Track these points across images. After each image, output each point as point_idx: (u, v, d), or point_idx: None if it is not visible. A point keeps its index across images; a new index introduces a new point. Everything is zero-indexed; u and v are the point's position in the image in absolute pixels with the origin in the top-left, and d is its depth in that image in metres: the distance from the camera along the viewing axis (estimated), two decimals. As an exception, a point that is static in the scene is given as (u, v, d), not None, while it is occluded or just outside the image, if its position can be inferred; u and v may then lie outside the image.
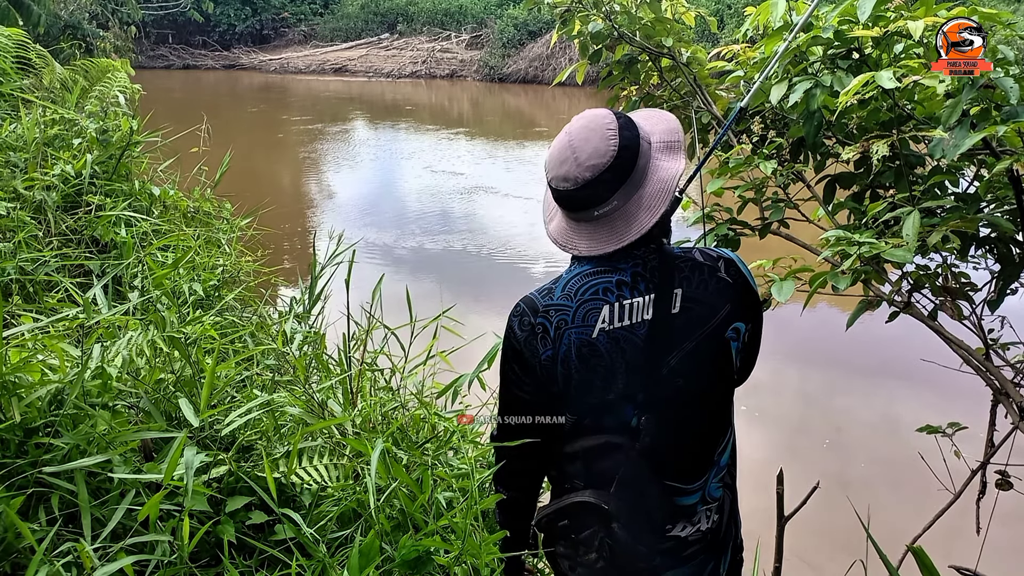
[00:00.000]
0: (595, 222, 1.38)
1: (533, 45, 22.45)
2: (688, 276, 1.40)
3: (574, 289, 1.40)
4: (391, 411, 2.31)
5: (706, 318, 1.40)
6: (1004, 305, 2.03)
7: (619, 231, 1.37)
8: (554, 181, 1.38)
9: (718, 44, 3.24)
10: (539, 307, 1.41)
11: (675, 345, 1.38)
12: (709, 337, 1.40)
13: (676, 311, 1.38)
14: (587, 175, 1.33)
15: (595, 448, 1.43)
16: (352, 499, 1.81)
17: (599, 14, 2.68)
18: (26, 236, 2.81)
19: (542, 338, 1.39)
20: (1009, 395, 1.94)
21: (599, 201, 1.36)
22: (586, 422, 1.43)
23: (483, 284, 7.46)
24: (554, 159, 1.39)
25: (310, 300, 3.22)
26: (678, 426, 1.42)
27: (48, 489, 1.56)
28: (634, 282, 1.38)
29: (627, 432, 1.40)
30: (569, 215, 1.42)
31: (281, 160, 13.28)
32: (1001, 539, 2.50)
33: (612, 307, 1.37)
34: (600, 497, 1.41)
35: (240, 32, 26.84)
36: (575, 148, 1.36)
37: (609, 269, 1.39)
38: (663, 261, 1.40)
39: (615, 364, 1.38)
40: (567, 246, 1.42)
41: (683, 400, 1.41)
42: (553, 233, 1.46)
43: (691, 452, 1.45)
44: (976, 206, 1.87)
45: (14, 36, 4.38)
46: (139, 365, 1.96)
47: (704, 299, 1.40)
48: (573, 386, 1.41)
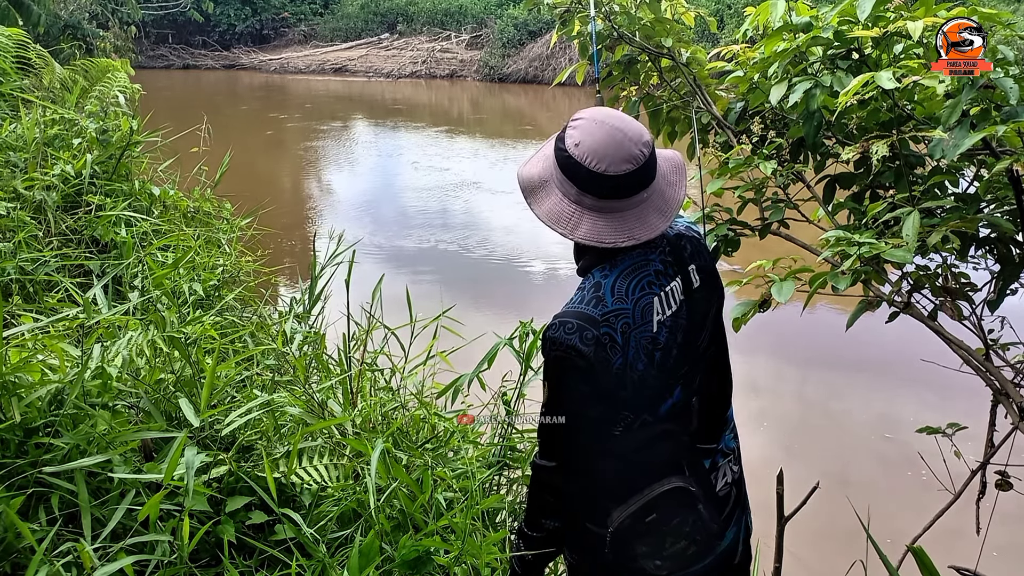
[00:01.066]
0: (643, 205, 1.36)
1: (533, 45, 22.43)
2: (693, 250, 1.46)
3: (624, 290, 1.36)
4: (391, 411, 2.31)
5: (715, 284, 1.48)
6: (1004, 305, 2.03)
7: (662, 209, 1.38)
8: (611, 167, 1.31)
9: (718, 44, 3.24)
10: (597, 317, 1.34)
11: (705, 317, 1.45)
12: (719, 300, 1.50)
13: (697, 285, 1.44)
14: (645, 151, 1.33)
15: (655, 438, 1.42)
16: (352, 499, 1.81)
17: (599, 14, 2.68)
18: (26, 236, 2.81)
19: (611, 347, 1.34)
20: (1009, 395, 1.94)
21: (650, 179, 1.36)
22: (645, 417, 1.41)
23: (483, 284, 7.46)
24: (603, 146, 1.31)
25: (310, 300, 3.22)
26: (711, 394, 1.49)
27: (48, 489, 1.56)
28: (664, 268, 1.41)
29: (680, 416, 1.44)
30: (614, 204, 1.34)
31: (281, 160, 13.29)
32: (1001, 539, 2.50)
33: (660, 297, 1.38)
34: (685, 480, 1.41)
35: (240, 32, 26.82)
36: (621, 130, 1.32)
37: (643, 262, 1.39)
38: (672, 241, 1.45)
39: (671, 353, 1.40)
40: (620, 240, 1.33)
41: (713, 368, 1.49)
42: (590, 235, 1.34)
43: (718, 414, 1.53)
44: (976, 206, 1.87)
45: (14, 36, 4.38)
46: (139, 365, 1.96)
47: (708, 267, 1.47)
48: (639, 386, 1.38)
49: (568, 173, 1.36)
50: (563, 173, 1.37)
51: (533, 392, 2.38)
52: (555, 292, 7.19)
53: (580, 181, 1.34)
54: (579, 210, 1.36)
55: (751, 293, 2.23)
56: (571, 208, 1.36)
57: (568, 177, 1.36)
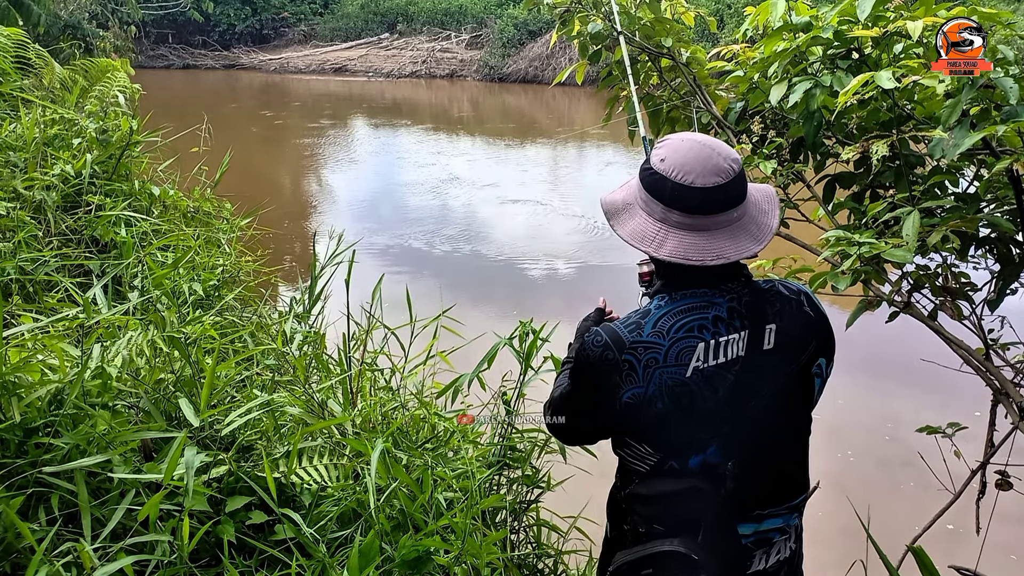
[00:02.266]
0: (734, 225, 1.31)
1: (533, 45, 22.43)
2: (780, 311, 1.36)
3: (666, 327, 1.33)
4: (391, 411, 2.31)
5: (796, 354, 1.36)
6: (1004, 305, 2.03)
7: (754, 234, 1.32)
8: (698, 179, 1.28)
9: (718, 44, 3.23)
10: (625, 343, 1.33)
11: (767, 383, 1.34)
12: (798, 373, 1.37)
13: (769, 347, 1.34)
14: (735, 167, 1.30)
15: (679, 493, 1.37)
16: (352, 499, 1.81)
17: (599, 14, 2.69)
18: (26, 236, 2.81)
19: (627, 376, 1.32)
20: (1009, 395, 1.94)
21: (740, 199, 1.31)
22: (671, 463, 1.37)
23: (483, 284, 7.46)
24: (689, 160, 1.29)
25: (310, 300, 3.22)
26: (764, 465, 1.38)
27: (48, 489, 1.56)
28: (730, 317, 1.33)
29: (712, 476, 1.35)
30: (703, 220, 1.31)
31: (281, 160, 13.29)
32: (1001, 539, 2.51)
33: (708, 345, 1.32)
34: (689, 547, 1.35)
35: (240, 32, 26.82)
36: (708, 145, 1.30)
37: (704, 304, 1.33)
38: (754, 295, 1.36)
39: (707, 404, 1.32)
40: (708, 258, 1.30)
41: (770, 439, 1.37)
42: (677, 251, 1.30)
43: (774, 488, 1.41)
44: (976, 206, 1.87)
45: (14, 36, 4.38)
46: (139, 365, 1.96)
47: (795, 334, 1.36)
48: (660, 426, 1.35)
49: (653, 191, 1.33)
50: (648, 192, 1.34)
51: (533, 392, 2.39)
52: (555, 292, 7.19)
53: (666, 197, 1.31)
54: (665, 228, 1.32)
55: (751, 293, 2.24)
56: (656, 226, 1.33)
57: (653, 195, 1.33)
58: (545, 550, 2.30)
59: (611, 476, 1.54)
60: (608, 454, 2.58)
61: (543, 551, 2.30)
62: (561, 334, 2.53)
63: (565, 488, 2.41)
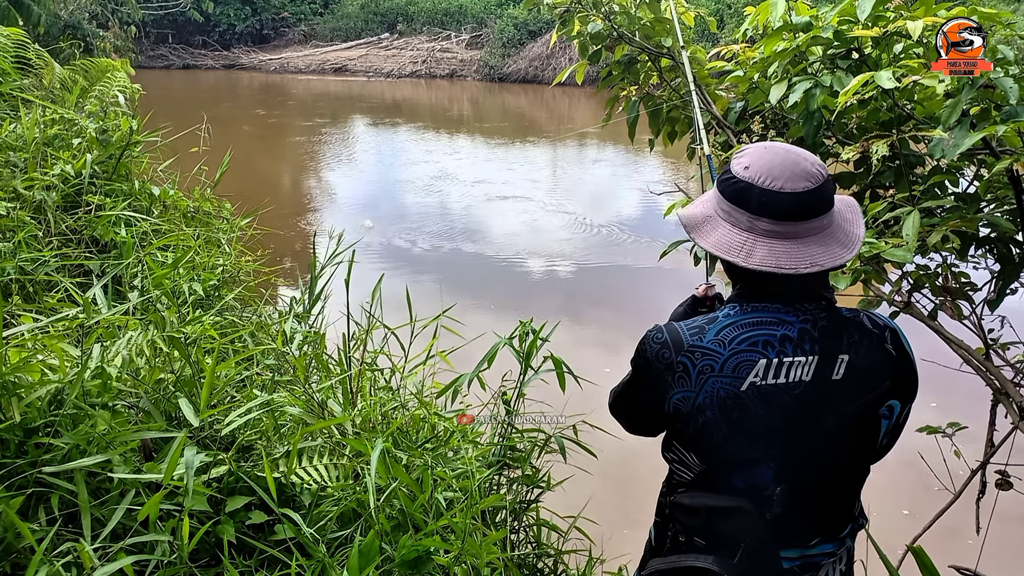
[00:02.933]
0: (824, 232, 1.28)
1: (533, 45, 22.44)
2: (856, 342, 1.31)
3: (729, 337, 1.30)
4: (391, 411, 2.31)
5: (866, 390, 1.31)
6: (1004, 305, 2.03)
7: (844, 242, 1.28)
8: (787, 184, 1.25)
9: (718, 44, 3.23)
10: (684, 344, 1.32)
11: (829, 413, 1.30)
12: (864, 410, 1.32)
13: (838, 378, 1.29)
14: (823, 172, 1.27)
15: (721, 510, 1.35)
16: (352, 499, 1.81)
17: (599, 14, 2.69)
18: (26, 236, 2.81)
19: (680, 378, 1.31)
20: (1009, 395, 1.94)
21: (829, 205, 1.28)
22: (715, 475, 1.35)
23: (483, 283, 7.45)
24: (775, 165, 1.27)
25: (310, 300, 3.22)
26: (814, 496, 1.34)
27: (48, 489, 1.56)
28: (800, 339, 1.29)
29: (758, 499, 1.32)
30: (794, 227, 1.27)
31: (280, 159, 13.29)
32: (1001, 539, 2.51)
33: (769, 362, 1.28)
34: (723, 567, 1.32)
35: (240, 32, 26.82)
36: (792, 151, 1.28)
37: (774, 321, 1.30)
38: (832, 321, 1.31)
39: (759, 422, 1.29)
40: (801, 266, 1.25)
41: (824, 470, 1.33)
42: (768, 260, 1.26)
43: (820, 519, 1.37)
44: (976, 206, 1.87)
45: (14, 36, 4.38)
46: (139, 365, 1.96)
47: (868, 370, 1.30)
48: (707, 436, 1.32)
49: (737, 200, 1.30)
50: (731, 203, 1.31)
51: (533, 392, 2.39)
52: (555, 292, 7.19)
53: (753, 205, 1.28)
54: (752, 237, 1.28)
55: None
56: (743, 236, 1.29)
57: (738, 204, 1.30)
58: (545, 550, 2.30)
59: (611, 476, 1.54)
60: (608, 454, 2.58)
61: (543, 551, 2.30)
62: (561, 334, 2.53)
63: (565, 488, 2.41)
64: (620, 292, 7.10)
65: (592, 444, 2.40)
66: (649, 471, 3.66)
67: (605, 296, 6.98)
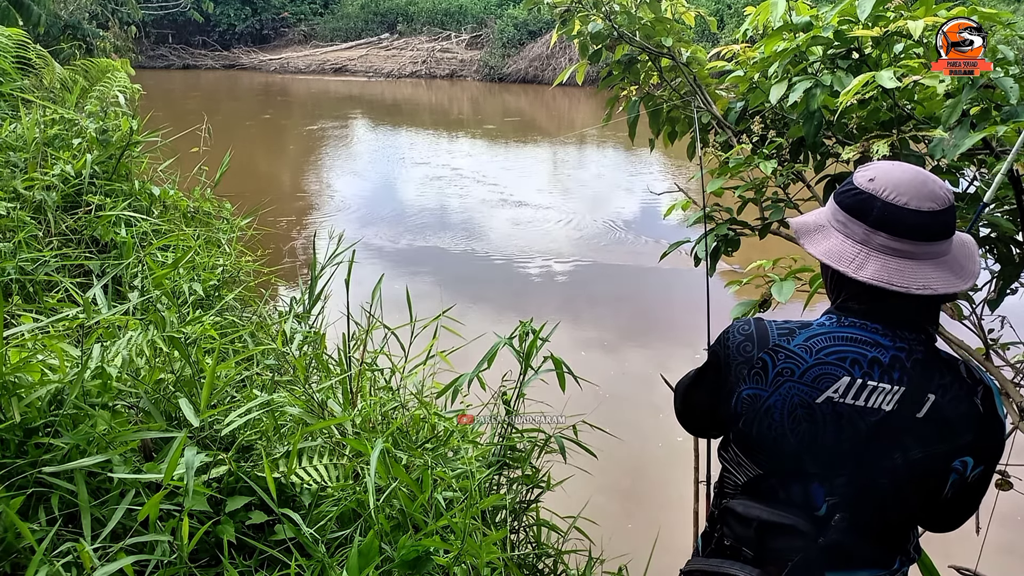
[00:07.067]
0: (943, 259, 1.24)
1: (533, 45, 22.45)
2: (947, 386, 1.25)
3: (818, 346, 1.27)
4: (391, 411, 2.31)
5: (941, 438, 1.25)
6: (1004, 305, 2.03)
7: (959, 273, 1.24)
8: (912, 201, 1.21)
9: (718, 44, 3.23)
10: (769, 342, 1.30)
11: (901, 450, 1.25)
12: (937, 458, 1.26)
13: (920, 416, 1.24)
14: (950, 196, 1.23)
15: (776, 526, 1.31)
16: (352, 499, 1.81)
17: (599, 14, 2.69)
18: (26, 236, 2.81)
19: (756, 375, 1.29)
20: (1009, 395, 1.94)
21: (950, 232, 1.25)
22: (769, 484, 1.33)
23: (483, 284, 7.45)
24: (904, 182, 1.23)
25: (310, 300, 3.22)
26: (871, 527, 1.31)
27: (48, 489, 1.56)
28: (890, 366, 1.24)
29: (813, 520, 1.30)
30: (911, 247, 1.23)
31: (280, 159, 13.29)
32: (1001, 539, 2.50)
33: (852, 381, 1.24)
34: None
35: (240, 32, 26.82)
36: (927, 174, 1.25)
37: (869, 342, 1.25)
38: (928, 357, 1.26)
39: (826, 440, 1.26)
40: (913, 286, 1.21)
41: (886, 508, 1.30)
42: (879, 275, 1.22)
43: (875, 551, 1.35)
44: (976, 206, 1.87)
45: (14, 36, 4.38)
46: (139, 365, 1.96)
47: (952, 418, 1.25)
48: (768, 441, 1.30)
49: (855, 212, 1.26)
50: (848, 213, 1.28)
51: (533, 392, 2.39)
52: (555, 292, 7.19)
53: (872, 218, 1.24)
54: (865, 250, 1.25)
55: (751, 293, 2.24)
56: (855, 248, 1.26)
57: (855, 216, 1.26)
58: (545, 550, 2.30)
59: (610, 476, 1.54)
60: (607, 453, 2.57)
61: (543, 551, 2.30)
62: (561, 334, 2.53)
63: (565, 488, 2.42)
64: (620, 292, 7.10)
65: (592, 444, 2.40)
66: (649, 471, 3.65)
67: (605, 296, 6.97)
